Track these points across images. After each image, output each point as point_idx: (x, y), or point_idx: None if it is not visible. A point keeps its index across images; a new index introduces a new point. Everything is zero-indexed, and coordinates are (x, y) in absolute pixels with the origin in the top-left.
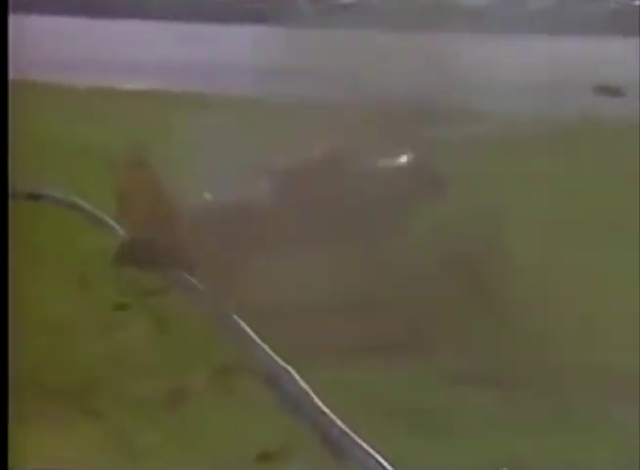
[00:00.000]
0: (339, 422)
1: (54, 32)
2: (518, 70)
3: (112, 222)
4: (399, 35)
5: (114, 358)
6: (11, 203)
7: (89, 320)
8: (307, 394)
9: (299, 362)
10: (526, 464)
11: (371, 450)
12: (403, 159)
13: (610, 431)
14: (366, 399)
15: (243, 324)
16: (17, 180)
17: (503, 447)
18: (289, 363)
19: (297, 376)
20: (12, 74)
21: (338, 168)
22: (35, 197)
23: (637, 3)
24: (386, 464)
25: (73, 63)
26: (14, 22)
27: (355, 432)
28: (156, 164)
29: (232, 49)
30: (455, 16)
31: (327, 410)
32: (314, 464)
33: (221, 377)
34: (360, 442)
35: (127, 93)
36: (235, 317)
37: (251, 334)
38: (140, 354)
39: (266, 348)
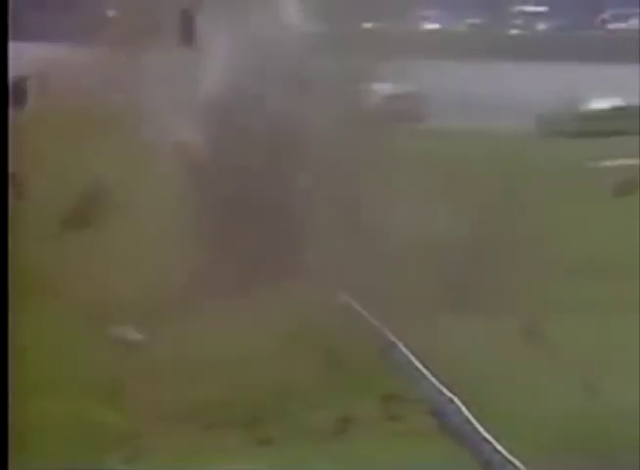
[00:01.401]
0: (500, 449)
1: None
2: None
3: None
4: None
5: (285, 390)
6: None
7: (258, 353)
8: (470, 421)
9: None
10: None
11: None
12: None
13: None
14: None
15: (408, 353)
16: None
17: None
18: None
19: (460, 405)
20: None
21: None
22: None
23: None
24: None
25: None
26: None
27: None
28: None
29: None
30: None
31: (489, 438)
32: None
33: (386, 405)
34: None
35: None
36: (400, 347)
37: (416, 363)
38: (309, 386)
39: (431, 377)
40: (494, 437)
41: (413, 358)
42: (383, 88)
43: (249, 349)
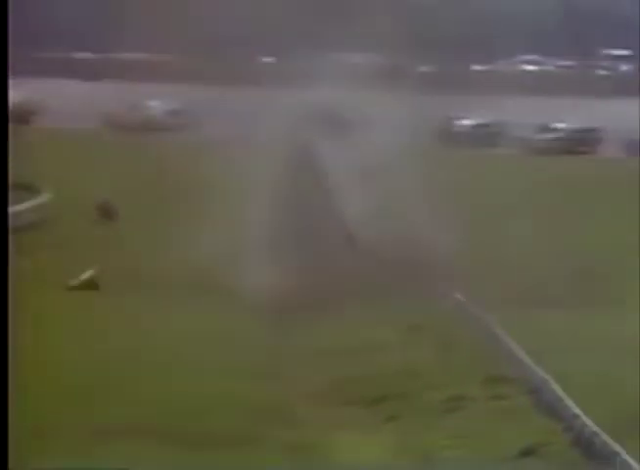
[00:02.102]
0: (590, 424)
1: None
2: None
3: None
4: None
5: (408, 372)
6: None
7: (383, 341)
8: (562, 400)
9: None
10: None
11: (620, 450)
12: None
13: None
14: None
15: (507, 339)
16: None
17: None
18: None
19: (554, 385)
20: None
21: None
22: None
23: None
24: (636, 466)
25: None
26: None
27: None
28: None
29: None
30: None
31: (580, 413)
32: (567, 462)
33: (490, 386)
34: (611, 442)
35: None
36: (500, 332)
37: (514, 347)
38: (427, 369)
39: (527, 359)
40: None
41: (513, 345)
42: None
43: (377, 338)
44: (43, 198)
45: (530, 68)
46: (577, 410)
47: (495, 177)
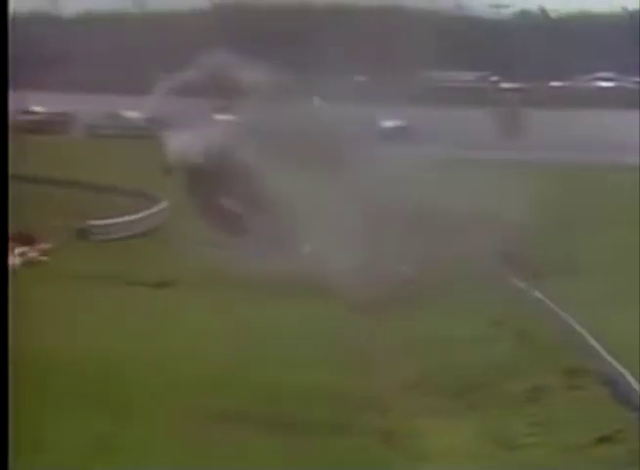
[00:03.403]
0: None
1: None
2: None
3: None
4: None
5: (490, 363)
6: None
7: (466, 335)
8: (636, 391)
9: None
10: None
11: None
12: None
13: None
14: None
15: (585, 333)
16: None
17: None
18: None
19: (629, 377)
20: None
21: None
22: None
23: None
24: None
25: None
26: None
27: None
28: None
29: None
30: None
31: None
32: None
33: (569, 377)
34: None
35: None
36: (578, 328)
37: (592, 341)
38: (508, 360)
39: (604, 352)
40: None
41: (591, 338)
42: None
43: (460, 331)
44: (162, 205)
45: (606, 84)
46: None
47: None
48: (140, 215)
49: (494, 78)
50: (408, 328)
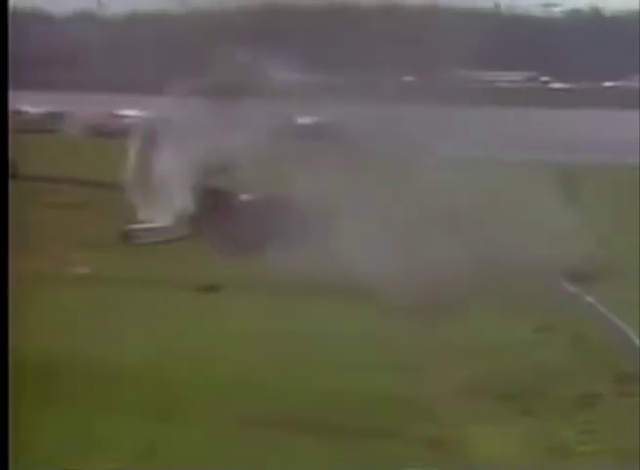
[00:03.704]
0: None
1: None
2: None
3: None
4: None
5: (541, 369)
6: None
7: (516, 339)
8: None
9: None
10: None
11: None
12: None
13: None
14: None
15: (634, 336)
16: None
17: None
18: None
19: None
20: None
21: None
22: None
23: None
24: None
25: None
26: None
27: None
28: None
29: None
30: None
31: None
32: None
33: (619, 383)
34: None
35: None
36: (630, 333)
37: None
38: (560, 366)
39: None
40: None
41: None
42: None
43: (511, 336)
44: None
45: None
46: None
47: None
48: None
49: (544, 78)
50: (458, 332)
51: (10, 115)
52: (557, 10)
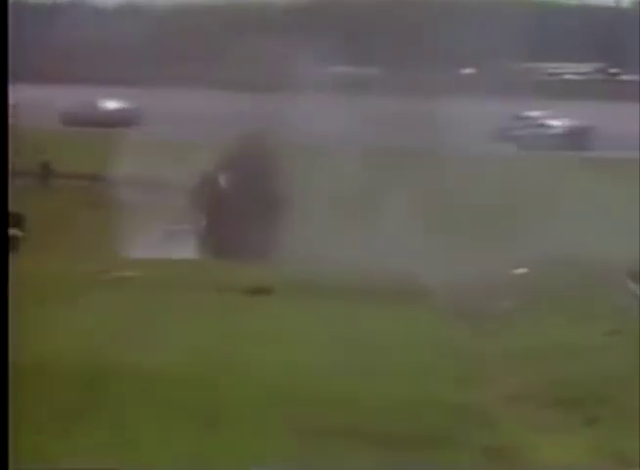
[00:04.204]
0: None
1: None
2: None
3: None
4: None
5: (608, 375)
6: None
7: (582, 344)
8: None
9: None
10: None
11: None
12: None
13: None
14: None
15: None
16: None
17: None
18: None
19: None
20: None
21: None
22: None
23: None
24: None
25: None
26: None
27: None
28: None
29: None
30: None
31: None
32: None
33: None
34: None
35: None
36: None
37: None
38: (629, 373)
39: None
40: None
41: None
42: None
43: (575, 340)
44: None
45: None
46: None
47: None
48: None
49: (613, 70)
50: (519, 336)
51: (94, 108)
52: (626, 0)
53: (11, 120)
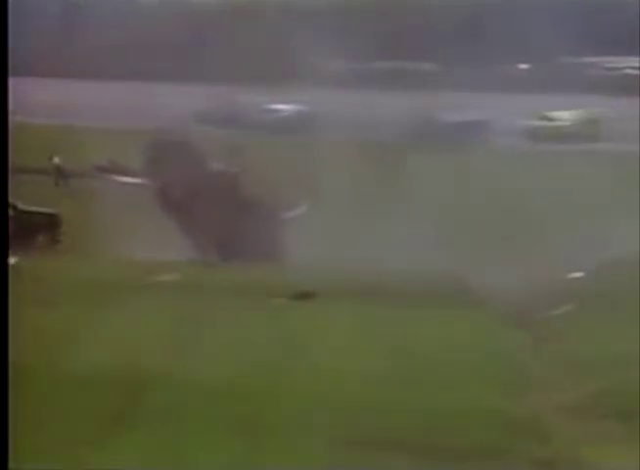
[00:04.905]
0: None
1: None
2: None
3: None
4: None
5: None
6: None
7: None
8: None
9: None
10: None
11: None
12: None
13: None
14: None
15: None
16: None
17: None
18: None
19: None
20: None
21: None
22: None
23: None
24: None
25: None
26: None
27: None
28: None
29: None
30: None
31: None
32: None
33: None
34: None
35: None
36: None
37: None
38: None
39: None
40: None
41: None
42: None
43: (630, 347)
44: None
45: None
46: None
47: None
48: None
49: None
50: (573, 344)
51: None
52: None
53: None
